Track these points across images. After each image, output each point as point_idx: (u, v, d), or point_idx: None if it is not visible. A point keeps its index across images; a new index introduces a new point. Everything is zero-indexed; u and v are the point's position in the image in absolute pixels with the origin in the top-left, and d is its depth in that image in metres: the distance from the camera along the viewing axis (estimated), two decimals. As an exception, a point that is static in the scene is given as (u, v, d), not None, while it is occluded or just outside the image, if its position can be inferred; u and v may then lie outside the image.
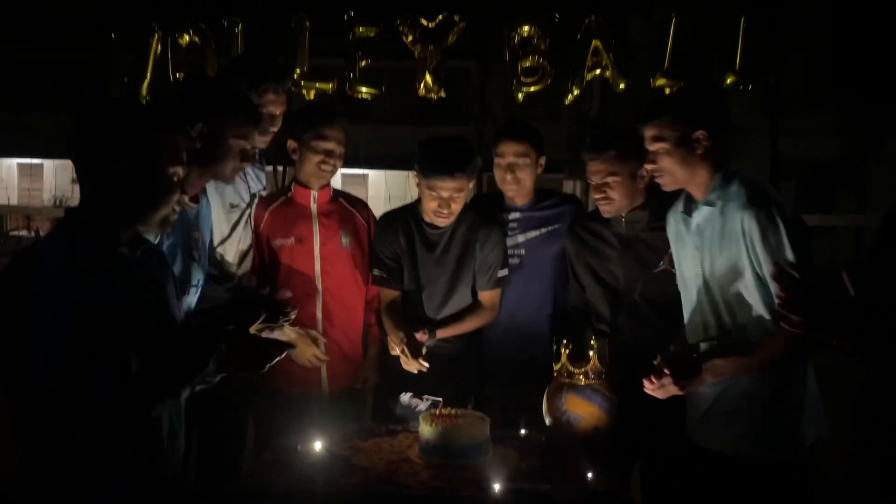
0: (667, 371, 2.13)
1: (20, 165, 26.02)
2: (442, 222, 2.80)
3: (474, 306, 2.87)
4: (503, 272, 2.86)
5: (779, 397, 2.18)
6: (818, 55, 11.71)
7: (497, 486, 2.01)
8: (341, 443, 2.36)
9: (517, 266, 2.90)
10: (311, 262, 2.84)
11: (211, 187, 2.48)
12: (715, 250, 2.23)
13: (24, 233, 22.98)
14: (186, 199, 2.00)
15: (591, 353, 2.41)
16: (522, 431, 2.53)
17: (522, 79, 3.73)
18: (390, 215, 2.94)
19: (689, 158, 2.24)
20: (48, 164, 25.90)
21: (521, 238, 2.93)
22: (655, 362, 2.17)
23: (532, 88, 3.74)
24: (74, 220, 1.67)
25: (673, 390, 2.16)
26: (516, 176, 2.86)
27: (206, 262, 2.44)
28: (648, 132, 2.29)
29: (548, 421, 2.43)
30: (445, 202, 2.73)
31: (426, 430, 2.27)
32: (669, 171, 2.28)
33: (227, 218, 2.64)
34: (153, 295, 1.76)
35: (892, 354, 1.75)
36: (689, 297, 2.37)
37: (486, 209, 2.98)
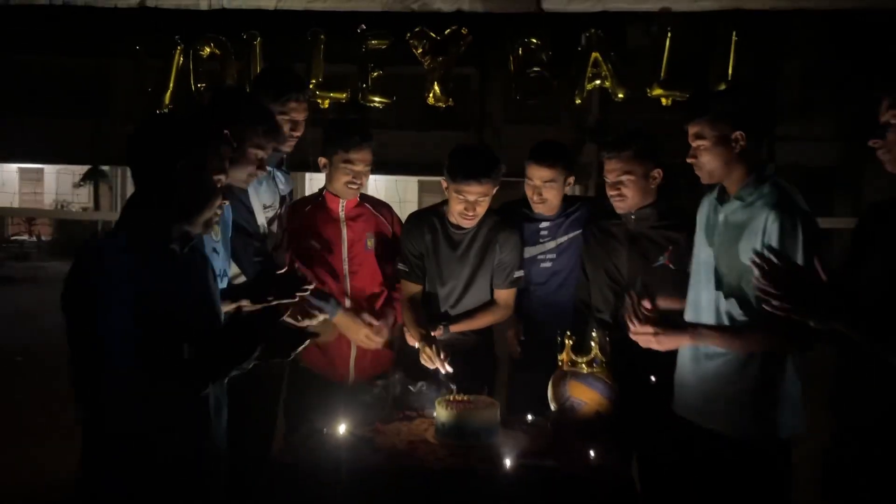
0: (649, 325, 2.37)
1: (22, 170, 26.20)
2: (467, 224, 3.02)
3: (489, 304, 3.09)
4: (519, 273, 3.08)
5: (758, 383, 2.32)
6: (814, 62, 11.92)
7: (508, 463, 2.22)
8: (364, 426, 2.57)
9: (549, 269, 3.14)
10: (340, 263, 3.07)
11: (251, 189, 2.70)
12: (734, 242, 2.34)
13: (25, 237, 23.21)
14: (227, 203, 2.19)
15: (592, 343, 2.63)
16: (530, 417, 2.73)
17: (526, 88, 3.94)
18: (419, 214, 3.18)
19: (726, 156, 2.37)
20: (49, 169, 26.10)
21: (551, 244, 3.16)
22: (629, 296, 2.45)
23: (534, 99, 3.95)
24: (132, 219, 1.90)
25: (651, 341, 2.38)
26: (543, 196, 3.08)
27: (229, 253, 2.60)
28: (691, 129, 2.43)
29: (553, 406, 2.64)
30: (471, 205, 2.94)
31: (442, 413, 2.48)
32: (707, 167, 2.41)
33: (264, 215, 2.85)
34: (198, 287, 1.99)
35: (866, 344, 1.89)
36: (698, 280, 2.51)
37: (510, 214, 3.20)
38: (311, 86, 3.96)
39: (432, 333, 2.91)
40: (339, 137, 3.05)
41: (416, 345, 2.91)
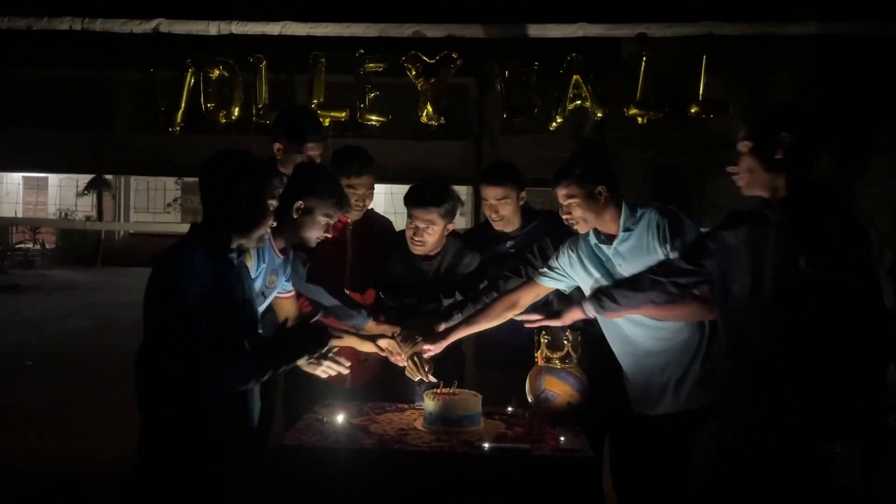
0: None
1: (25, 179, 26.44)
2: (417, 250, 3.30)
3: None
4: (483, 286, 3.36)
5: (691, 362, 2.81)
6: (803, 79, 12.22)
7: (486, 446, 2.52)
8: (359, 416, 2.86)
9: None
10: (342, 281, 3.38)
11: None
12: (635, 260, 2.82)
13: (30, 245, 23.45)
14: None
15: (566, 342, 2.93)
16: (509, 409, 3.03)
17: (514, 108, 4.27)
18: (389, 248, 3.44)
19: (596, 207, 2.83)
20: (52, 179, 26.36)
21: None
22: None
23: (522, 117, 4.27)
24: (201, 231, 2.26)
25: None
26: (500, 213, 3.40)
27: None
28: (560, 192, 2.87)
29: (529, 398, 2.93)
30: (420, 231, 3.24)
31: (429, 403, 2.77)
32: (583, 219, 2.86)
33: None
34: (246, 293, 2.37)
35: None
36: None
37: (476, 238, 3.54)
38: (312, 105, 4.28)
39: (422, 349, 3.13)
40: (342, 164, 3.36)
41: (402, 361, 3.16)
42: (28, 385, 6.70)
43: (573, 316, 2.89)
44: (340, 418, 2.79)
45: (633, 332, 2.89)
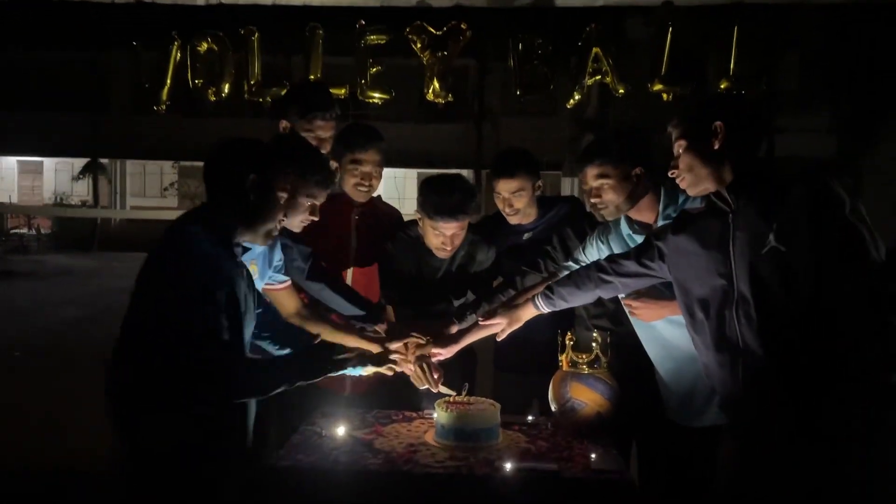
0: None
1: (21, 163, 26.18)
2: (444, 255, 2.98)
3: None
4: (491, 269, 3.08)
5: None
6: (812, 54, 11.89)
7: (509, 466, 2.20)
8: (363, 428, 2.55)
9: None
10: (347, 262, 3.06)
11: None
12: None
13: (24, 230, 23.21)
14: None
15: (593, 344, 2.61)
16: (530, 418, 2.72)
17: (526, 84, 3.92)
18: (400, 240, 3.08)
19: (631, 191, 2.55)
20: (48, 163, 26.08)
21: None
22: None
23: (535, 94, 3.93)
24: (204, 218, 2.04)
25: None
26: (514, 207, 3.05)
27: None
28: (591, 171, 2.57)
29: (553, 408, 2.62)
30: (449, 240, 2.91)
31: (442, 415, 2.46)
32: (615, 204, 2.56)
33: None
34: (249, 289, 2.13)
35: None
36: None
37: (491, 229, 3.18)
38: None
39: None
40: (347, 139, 3.02)
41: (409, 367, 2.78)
42: (20, 379, 6.42)
43: (527, 314, 2.68)
44: (342, 431, 2.48)
45: (672, 333, 2.56)
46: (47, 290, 13.29)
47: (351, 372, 2.41)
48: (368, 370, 2.49)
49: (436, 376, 2.74)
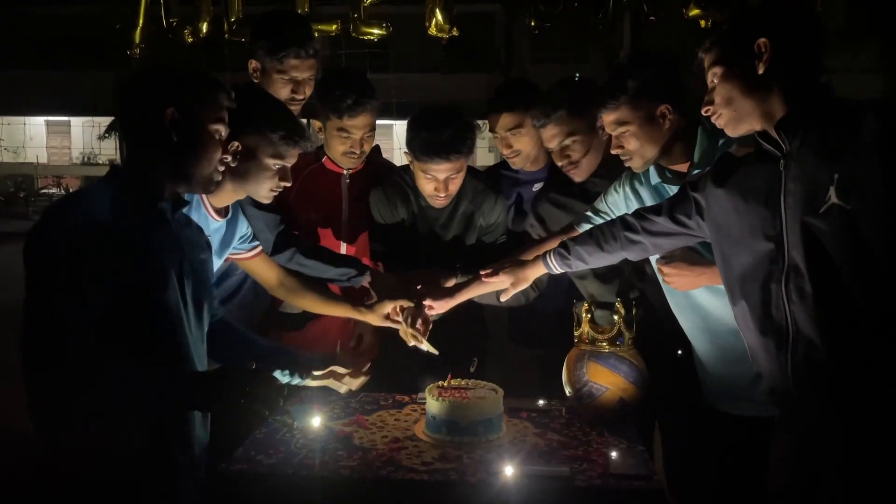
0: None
1: (49, 123, 26.24)
2: (440, 204, 2.55)
3: None
4: (503, 240, 2.67)
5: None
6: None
7: (510, 471, 1.79)
8: (343, 418, 2.17)
9: None
10: (339, 234, 2.66)
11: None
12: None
13: (54, 190, 23.34)
14: (229, 158, 1.78)
15: (616, 317, 2.18)
16: (540, 402, 2.31)
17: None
18: (387, 186, 2.64)
19: (658, 135, 2.09)
20: (76, 122, 26.09)
21: None
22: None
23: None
24: (118, 174, 1.66)
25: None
26: (514, 148, 2.63)
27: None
28: (607, 118, 2.11)
29: (568, 392, 2.20)
30: (442, 184, 2.48)
31: (432, 404, 2.06)
32: (640, 153, 2.12)
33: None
34: (194, 264, 1.72)
35: None
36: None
37: (497, 179, 2.75)
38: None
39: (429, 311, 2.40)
40: (331, 99, 2.49)
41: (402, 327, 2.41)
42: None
43: (535, 272, 2.25)
44: (317, 422, 2.10)
45: (711, 302, 2.12)
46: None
47: (298, 382, 2.10)
48: (312, 383, 2.16)
49: (420, 328, 2.34)
